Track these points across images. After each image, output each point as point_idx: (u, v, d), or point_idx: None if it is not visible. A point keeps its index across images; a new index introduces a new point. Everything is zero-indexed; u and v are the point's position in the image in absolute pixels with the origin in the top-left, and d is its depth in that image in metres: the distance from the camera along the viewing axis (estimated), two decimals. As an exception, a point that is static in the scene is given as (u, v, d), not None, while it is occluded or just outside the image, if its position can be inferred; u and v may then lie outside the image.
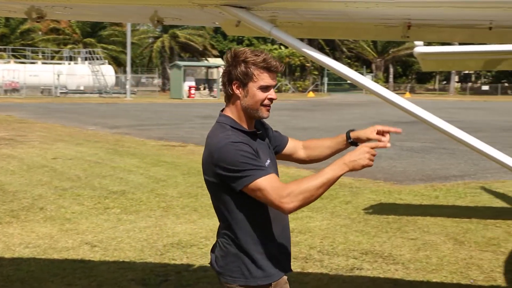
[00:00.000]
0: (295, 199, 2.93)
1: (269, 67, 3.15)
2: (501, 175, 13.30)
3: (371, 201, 10.99)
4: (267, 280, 3.16)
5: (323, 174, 3.00)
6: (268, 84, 3.17)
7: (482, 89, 69.42)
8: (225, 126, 3.16)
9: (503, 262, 7.35)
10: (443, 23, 5.18)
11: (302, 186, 2.95)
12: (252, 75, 3.13)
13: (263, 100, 3.17)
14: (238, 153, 2.98)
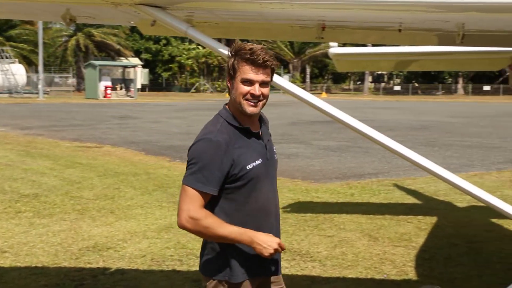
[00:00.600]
0: (194, 225, 3.02)
1: (253, 59, 3.05)
2: (412, 172, 13.78)
3: (289, 199, 11.13)
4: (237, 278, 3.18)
5: (230, 232, 3.03)
6: (249, 78, 3.07)
7: (394, 89, 71.76)
8: (219, 119, 3.18)
9: (414, 256, 7.62)
10: (356, 25, 5.31)
11: (208, 224, 3.01)
12: (237, 67, 3.09)
13: (244, 94, 3.09)
14: (204, 154, 3.02)
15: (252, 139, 3.20)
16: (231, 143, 3.08)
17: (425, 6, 4.02)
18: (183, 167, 14.51)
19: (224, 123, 3.14)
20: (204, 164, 3.01)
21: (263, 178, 3.19)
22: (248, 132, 3.18)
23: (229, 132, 3.11)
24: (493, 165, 15.64)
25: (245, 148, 3.12)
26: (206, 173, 3.01)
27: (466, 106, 45.79)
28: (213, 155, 3.01)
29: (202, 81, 72.00)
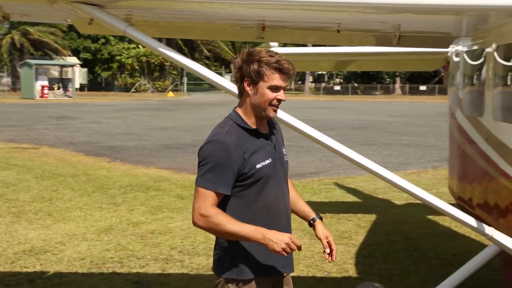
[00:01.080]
0: (205, 222, 3.11)
1: (281, 68, 3.21)
2: (352, 171, 14.00)
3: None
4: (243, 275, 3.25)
5: (242, 229, 3.10)
6: (278, 84, 3.22)
7: (334, 89, 72.71)
8: (229, 121, 3.29)
9: (354, 253, 7.74)
10: (296, 25, 5.36)
11: (219, 221, 3.10)
12: (263, 74, 3.20)
13: (271, 100, 3.24)
14: (214, 155, 3.14)
15: (260, 139, 3.31)
16: (240, 143, 3.19)
17: (362, 7, 4.09)
18: (123, 168, 14.33)
19: (233, 125, 3.26)
20: (214, 164, 3.13)
21: (272, 178, 3.29)
22: (257, 133, 3.29)
23: (238, 133, 3.22)
24: (429, 163, 16.06)
25: (254, 148, 3.23)
26: (216, 173, 3.12)
27: (403, 105, 46.85)
28: (223, 155, 3.13)
29: (143, 81, 71.19)
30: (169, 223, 9.25)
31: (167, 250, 7.79)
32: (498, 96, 5.08)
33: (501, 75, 5.13)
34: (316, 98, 62.20)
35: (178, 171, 14.33)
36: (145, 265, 7.17)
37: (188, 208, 10.29)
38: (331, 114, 35.91)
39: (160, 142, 20.32)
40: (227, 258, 3.29)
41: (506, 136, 4.74)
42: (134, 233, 8.58)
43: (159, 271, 6.96)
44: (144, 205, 10.46)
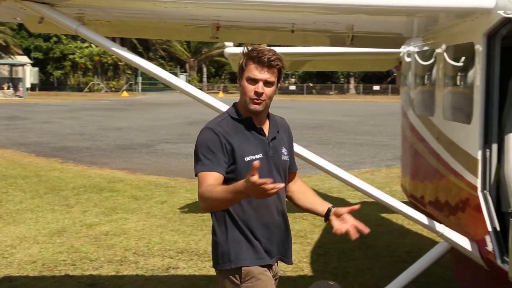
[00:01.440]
0: (202, 200, 3.13)
1: (259, 58, 3.17)
2: (308, 170, 14.05)
3: (187, 200, 11.08)
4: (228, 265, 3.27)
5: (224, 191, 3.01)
6: (254, 76, 3.20)
7: (289, 89, 73.12)
8: (224, 114, 3.37)
9: (310, 252, 7.80)
10: (251, 25, 5.37)
11: (209, 191, 3.08)
12: (244, 66, 3.24)
13: (249, 93, 3.22)
14: (204, 141, 3.21)
15: (253, 133, 3.31)
16: (229, 133, 3.23)
17: (316, 7, 4.13)
18: (76, 169, 14.11)
19: (227, 118, 3.31)
20: (206, 149, 3.20)
21: (264, 174, 3.18)
22: (250, 125, 3.30)
23: (229, 125, 3.27)
24: (383, 162, 16.30)
25: (243, 140, 3.25)
26: (210, 156, 3.18)
27: (357, 105, 47.44)
28: (213, 140, 3.20)
29: (96, 81, 70.22)
30: (124, 224, 9.15)
31: (121, 251, 7.71)
32: (448, 96, 5.19)
33: (451, 75, 5.25)
34: (271, 98, 62.24)
35: (133, 171, 14.19)
36: (99, 267, 7.07)
37: (143, 208, 10.21)
38: (286, 114, 35.80)
39: (114, 142, 20.08)
40: (222, 250, 3.31)
41: (456, 135, 4.85)
42: (88, 235, 8.46)
43: (113, 273, 6.87)
44: (98, 207, 10.31)
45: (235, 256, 3.28)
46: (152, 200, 10.95)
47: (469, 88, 4.60)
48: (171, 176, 13.59)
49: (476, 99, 4.36)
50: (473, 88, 4.42)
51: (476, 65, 4.35)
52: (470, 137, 4.45)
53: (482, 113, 4.29)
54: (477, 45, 4.33)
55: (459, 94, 5.04)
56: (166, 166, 15.25)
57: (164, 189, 12.04)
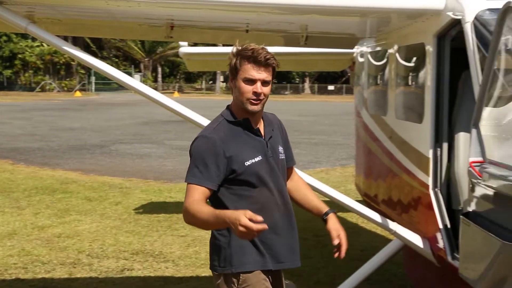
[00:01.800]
0: (186, 215, 3.10)
1: (255, 58, 3.09)
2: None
3: (142, 200, 10.97)
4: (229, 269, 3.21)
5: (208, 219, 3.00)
6: (251, 77, 3.11)
7: (245, 89, 73.23)
8: (219, 118, 3.27)
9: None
10: (205, 25, 5.35)
11: (194, 210, 3.04)
12: (239, 67, 3.13)
13: (247, 93, 3.14)
14: (198, 150, 3.13)
15: (250, 136, 3.24)
16: (226, 139, 3.15)
17: (270, 7, 4.14)
18: (28, 170, 13.78)
19: (223, 122, 3.23)
20: (199, 159, 3.12)
21: (265, 175, 3.22)
22: (247, 127, 3.23)
23: (225, 130, 3.19)
24: (338, 161, 16.46)
25: (242, 144, 3.18)
26: (201, 168, 3.10)
27: (312, 105, 47.78)
28: (208, 150, 3.11)
29: (48, 80, 68.91)
30: (77, 226, 9.00)
31: (74, 254, 7.57)
32: (400, 95, 5.28)
33: (403, 75, 5.34)
34: (227, 97, 62.19)
35: (86, 172, 13.97)
36: (51, 270, 6.94)
37: (96, 210, 10.07)
38: (242, 114, 36.05)
39: (67, 143, 19.74)
40: (221, 254, 3.25)
41: (408, 134, 4.93)
42: (40, 238, 8.29)
43: (66, 276, 6.75)
44: (50, 208, 10.12)
45: (237, 261, 3.22)
46: (106, 201, 10.81)
47: (420, 88, 4.69)
48: (126, 177, 13.44)
49: (427, 99, 4.44)
50: (424, 88, 4.51)
51: (427, 65, 4.43)
52: (421, 136, 4.53)
53: (433, 112, 4.37)
54: (428, 45, 4.41)
55: (411, 94, 5.13)
56: (120, 166, 15.07)
57: (118, 190, 11.90)
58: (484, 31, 3.74)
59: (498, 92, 3.55)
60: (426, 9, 4.21)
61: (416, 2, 4.22)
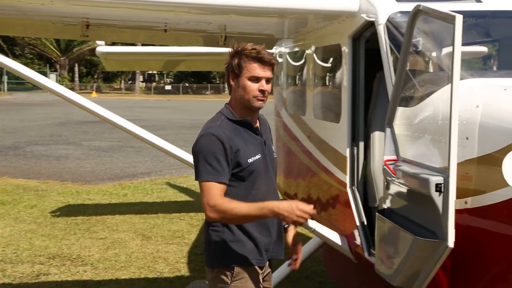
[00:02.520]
0: (217, 212, 3.10)
1: (260, 58, 3.21)
2: (185, 171, 14.04)
3: (59, 203, 10.67)
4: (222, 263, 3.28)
5: (250, 210, 3.10)
6: (258, 75, 3.22)
7: (165, 89, 72.50)
8: (221, 115, 3.32)
9: (187, 252, 7.78)
10: (122, 24, 5.26)
11: (228, 207, 3.09)
12: (243, 66, 3.22)
13: (254, 91, 3.23)
14: (208, 147, 3.16)
15: (251, 134, 3.33)
16: (231, 136, 3.21)
17: (188, 7, 4.11)
18: None
19: (224, 120, 3.29)
20: (211, 156, 3.16)
21: (262, 174, 3.31)
22: (248, 126, 3.32)
23: (229, 128, 3.25)
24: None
25: (244, 142, 3.25)
26: (215, 165, 3.15)
27: (233, 105, 47.91)
28: (216, 147, 3.16)
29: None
30: (-10, 231, 8.65)
31: (-13, 260, 7.28)
32: (318, 95, 5.37)
33: (320, 76, 5.43)
34: (147, 97, 61.65)
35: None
36: (-38, 278, 6.64)
37: (10, 214, 9.72)
38: (162, 114, 35.77)
39: (-21, 145, 18.94)
40: (218, 251, 3.30)
41: (326, 134, 5.02)
42: (-51, 245, 7.92)
43: (-23, 284, 6.48)
44: (-40, 214, 9.68)
45: (230, 256, 3.29)
46: (21, 204, 10.44)
47: (337, 89, 4.79)
48: (42, 179, 13.04)
49: (343, 99, 4.54)
50: (341, 89, 4.60)
51: (343, 66, 4.53)
52: (339, 136, 4.63)
53: (349, 112, 4.47)
54: (344, 47, 4.51)
55: (328, 94, 5.22)
56: (35, 168, 14.60)
57: (34, 192, 11.52)
58: (396, 33, 3.86)
59: (410, 92, 3.67)
60: (341, 11, 4.30)
61: (331, 4, 4.30)
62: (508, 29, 4.41)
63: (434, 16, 3.16)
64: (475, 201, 2.99)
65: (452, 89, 2.86)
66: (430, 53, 3.97)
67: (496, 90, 3.19)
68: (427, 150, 3.31)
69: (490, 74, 3.87)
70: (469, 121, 3.03)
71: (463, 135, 3.02)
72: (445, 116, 3.04)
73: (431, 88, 3.48)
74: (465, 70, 3.63)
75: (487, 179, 2.91)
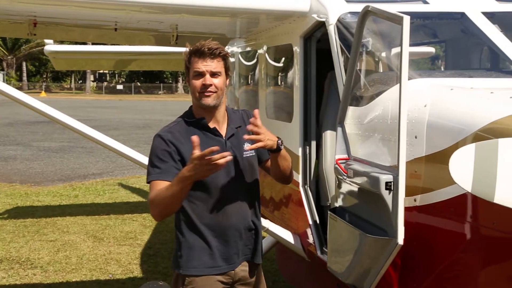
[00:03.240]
0: (152, 207, 3.06)
1: (198, 50, 3.05)
2: (137, 171, 13.90)
3: (6, 205, 10.43)
4: (178, 270, 3.20)
5: (172, 188, 2.97)
6: (199, 69, 3.07)
7: (117, 88, 71.63)
8: (178, 118, 3.25)
9: (140, 254, 7.70)
10: (71, 22, 5.16)
11: (154, 194, 3.04)
12: (188, 64, 3.11)
13: (198, 88, 3.09)
14: (154, 149, 3.12)
15: (207, 135, 3.14)
16: (179, 138, 3.10)
17: (139, 6, 4.07)
18: None
19: (180, 122, 3.20)
20: (155, 157, 3.10)
21: (222, 176, 3.11)
22: (203, 126, 3.15)
23: (181, 130, 3.14)
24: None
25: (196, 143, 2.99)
26: (158, 164, 3.09)
27: (186, 104, 47.53)
28: (162, 148, 3.09)
29: None
30: None
31: None
32: (271, 95, 5.39)
33: (272, 75, 5.45)
34: (98, 97, 60.83)
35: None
36: None
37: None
38: (114, 114, 35.35)
39: None
40: (176, 254, 3.23)
41: (278, 133, 5.03)
42: None
43: None
44: None
45: (185, 263, 3.18)
46: (-33, 207, 10.18)
47: (289, 88, 4.81)
48: (-11, 182, 12.74)
49: (295, 99, 4.56)
50: (293, 88, 4.62)
51: (295, 66, 4.56)
52: (291, 135, 4.65)
53: (301, 112, 4.50)
54: (295, 46, 4.53)
55: (281, 94, 5.25)
56: (-18, 170, 14.25)
57: (-20, 195, 11.24)
58: (347, 33, 3.89)
59: (360, 92, 3.72)
60: (292, 11, 4.32)
61: (282, 4, 4.32)
62: (454, 30, 4.52)
63: (382, 17, 3.21)
64: (424, 198, 3.05)
65: (400, 88, 2.91)
66: (380, 53, 4.03)
67: (443, 90, 3.25)
68: (377, 149, 3.35)
69: (438, 74, 3.94)
70: (417, 120, 3.09)
71: (412, 134, 3.07)
72: (394, 115, 3.09)
73: (381, 88, 3.53)
74: (414, 70, 3.70)
75: (435, 177, 2.97)
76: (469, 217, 2.79)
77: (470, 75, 3.69)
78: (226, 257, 3.19)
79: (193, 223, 3.15)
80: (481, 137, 2.66)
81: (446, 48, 5.07)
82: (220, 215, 3.16)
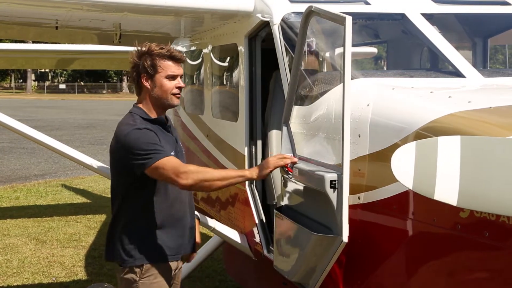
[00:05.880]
0: (191, 177, 3.10)
1: (173, 56, 3.27)
2: (81, 172, 13.66)
3: None
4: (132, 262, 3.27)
5: (228, 174, 3.27)
6: (174, 73, 3.27)
7: (60, 88, 70.19)
8: (134, 115, 3.30)
9: (84, 256, 7.57)
10: (10, 20, 5.02)
11: (201, 170, 3.17)
12: (158, 66, 3.24)
13: (171, 89, 3.28)
14: (141, 138, 3.15)
15: (165, 133, 3.35)
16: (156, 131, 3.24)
17: (80, 4, 4.00)
18: None
19: (139, 119, 3.27)
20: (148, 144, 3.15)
21: None
22: (163, 125, 3.34)
23: (147, 125, 3.25)
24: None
25: (163, 139, 3.27)
26: (157, 147, 3.15)
27: (131, 104, 47.11)
28: (150, 135, 3.19)
29: None
30: None
31: None
32: (216, 95, 5.37)
33: (218, 75, 5.44)
34: (39, 97, 59.51)
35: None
36: None
37: None
38: (57, 114, 34.67)
39: None
40: (126, 247, 3.30)
41: (224, 133, 5.04)
42: None
43: None
44: None
45: (141, 253, 3.28)
46: None
47: (234, 88, 4.81)
48: None
49: (241, 98, 4.57)
50: (238, 88, 4.63)
51: (240, 65, 4.56)
52: (237, 135, 4.65)
53: (247, 111, 4.51)
54: (240, 46, 4.54)
55: (226, 93, 5.24)
56: None
57: None
58: (291, 33, 3.92)
59: (305, 91, 3.75)
60: (237, 11, 4.32)
61: (226, 4, 4.31)
62: (395, 30, 4.60)
63: (325, 17, 3.24)
64: (368, 196, 3.10)
65: (344, 88, 2.94)
66: (324, 53, 4.07)
67: (385, 89, 3.32)
68: (321, 148, 3.39)
69: (380, 74, 4.01)
70: (360, 119, 3.14)
71: (356, 133, 3.12)
72: (338, 115, 3.13)
73: (325, 87, 3.57)
74: (357, 69, 3.76)
75: (378, 175, 3.02)
76: (411, 214, 2.86)
77: (411, 75, 3.77)
78: (180, 246, 3.41)
79: (149, 214, 3.31)
80: (421, 136, 2.72)
81: (387, 48, 5.17)
82: (177, 206, 3.39)
